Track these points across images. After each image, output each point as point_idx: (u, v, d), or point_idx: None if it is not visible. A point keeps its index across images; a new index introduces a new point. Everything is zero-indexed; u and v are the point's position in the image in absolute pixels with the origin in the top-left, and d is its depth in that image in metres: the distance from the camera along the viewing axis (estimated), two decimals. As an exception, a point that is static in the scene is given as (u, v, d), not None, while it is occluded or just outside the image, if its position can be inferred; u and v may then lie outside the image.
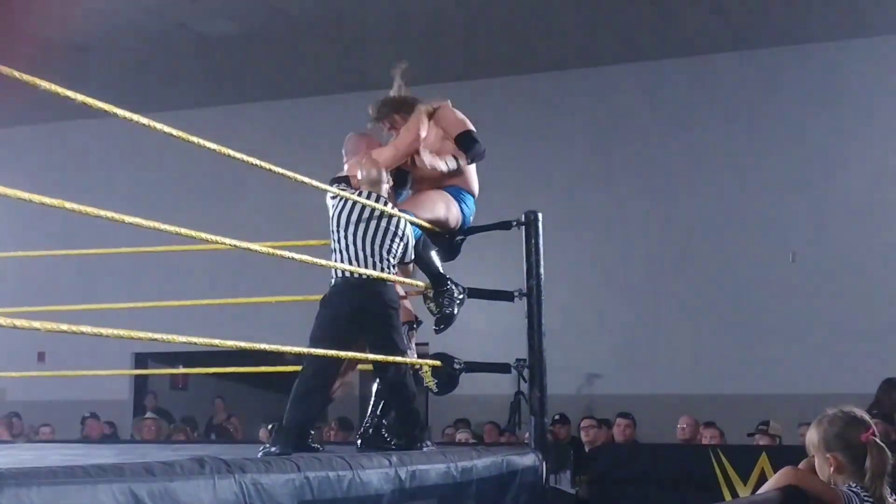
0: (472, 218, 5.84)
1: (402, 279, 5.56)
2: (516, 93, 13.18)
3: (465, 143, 5.66)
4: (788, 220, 11.87)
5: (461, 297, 5.64)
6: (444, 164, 5.55)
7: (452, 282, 5.63)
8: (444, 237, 5.76)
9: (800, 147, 11.99)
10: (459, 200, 5.71)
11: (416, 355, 5.50)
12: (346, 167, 5.66)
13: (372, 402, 5.38)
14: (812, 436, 3.80)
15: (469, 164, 5.66)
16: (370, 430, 5.31)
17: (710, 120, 12.42)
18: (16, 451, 5.51)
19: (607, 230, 12.60)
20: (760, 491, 3.86)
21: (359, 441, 5.31)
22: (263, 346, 4.33)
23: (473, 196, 5.82)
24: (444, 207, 5.63)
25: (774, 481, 3.79)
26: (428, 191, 5.67)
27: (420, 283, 5.69)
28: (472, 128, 5.77)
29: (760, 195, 12.02)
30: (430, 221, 5.57)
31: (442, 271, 5.59)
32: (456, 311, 5.64)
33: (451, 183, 5.71)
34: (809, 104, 12.04)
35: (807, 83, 12.10)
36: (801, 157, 11.96)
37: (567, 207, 12.24)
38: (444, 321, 5.64)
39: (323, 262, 4.95)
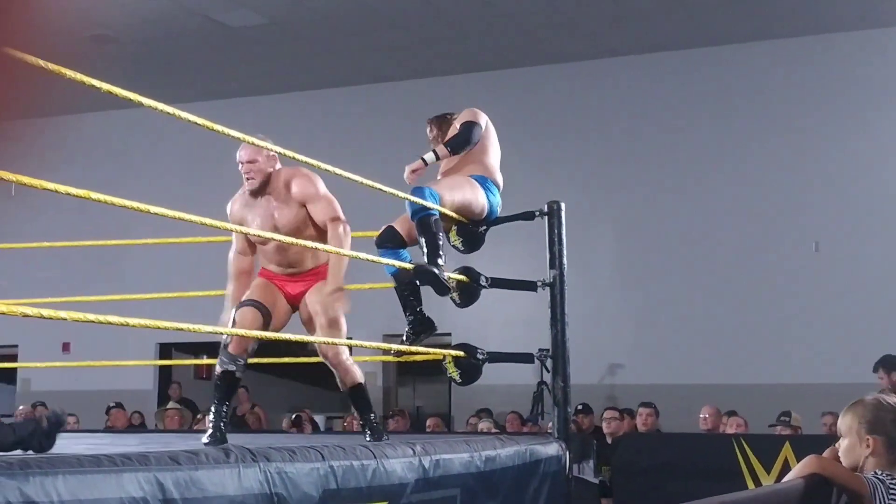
0: (499, 209, 5.83)
1: (455, 275, 5.59)
2: (539, 83, 13.17)
3: (460, 130, 5.69)
4: (812, 210, 11.83)
5: (446, 280, 5.48)
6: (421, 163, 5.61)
7: (442, 262, 5.44)
8: (468, 226, 5.76)
9: (824, 137, 11.94)
10: (485, 189, 5.71)
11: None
12: None
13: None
14: (849, 419, 3.78)
15: (449, 150, 5.63)
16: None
17: (735, 109, 12.37)
18: (42, 441, 5.53)
19: (630, 220, 12.58)
20: (785, 479, 3.85)
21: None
22: (287, 336, 4.35)
23: (498, 187, 5.82)
24: (470, 192, 5.64)
25: (799, 470, 3.78)
26: (455, 175, 5.68)
27: (453, 276, 5.69)
28: (478, 120, 5.75)
29: (784, 185, 11.98)
30: (456, 203, 5.57)
31: (440, 250, 5.43)
32: (447, 282, 5.45)
33: (476, 173, 5.71)
34: (836, 94, 11.98)
35: (830, 73, 12.05)
36: (825, 147, 11.91)
37: (589, 198, 12.22)
38: (427, 277, 5.43)
39: (346, 252, 4.95)
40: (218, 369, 4.86)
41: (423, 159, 5.58)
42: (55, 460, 2.77)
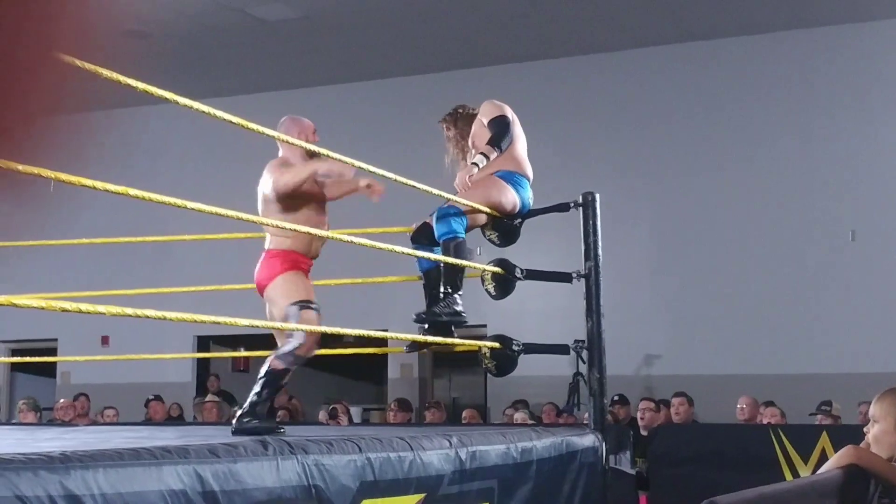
0: (531, 201, 5.83)
1: (490, 267, 5.61)
2: (573, 74, 13.15)
3: (493, 127, 5.67)
4: (848, 199, 11.76)
5: (455, 312, 5.50)
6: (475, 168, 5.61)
7: (454, 299, 5.50)
8: (503, 220, 5.76)
9: (859, 124, 11.86)
10: (514, 184, 5.69)
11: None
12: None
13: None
14: (886, 404, 3.78)
15: (498, 151, 5.63)
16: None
17: (767, 99, 12.31)
18: (81, 434, 5.60)
19: (666, 210, 12.54)
20: (822, 470, 3.84)
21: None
22: (324, 328, 4.37)
23: (528, 179, 5.81)
24: (496, 192, 5.63)
25: (836, 460, 3.78)
26: (479, 180, 5.67)
27: (488, 268, 5.71)
28: (505, 113, 5.75)
29: (819, 173, 11.91)
30: (484, 206, 5.58)
31: (458, 283, 5.50)
32: (446, 319, 5.51)
33: (503, 168, 5.71)
34: (870, 81, 11.90)
35: (868, 58, 11.96)
36: (861, 135, 11.83)
37: (625, 188, 12.20)
38: (433, 328, 5.54)
39: (380, 244, 4.97)
40: (280, 365, 4.84)
41: (475, 164, 5.60)
42: (96, 454, 2.81)
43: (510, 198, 5.67)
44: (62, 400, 11.97)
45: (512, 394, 11.45)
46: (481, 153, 5.61)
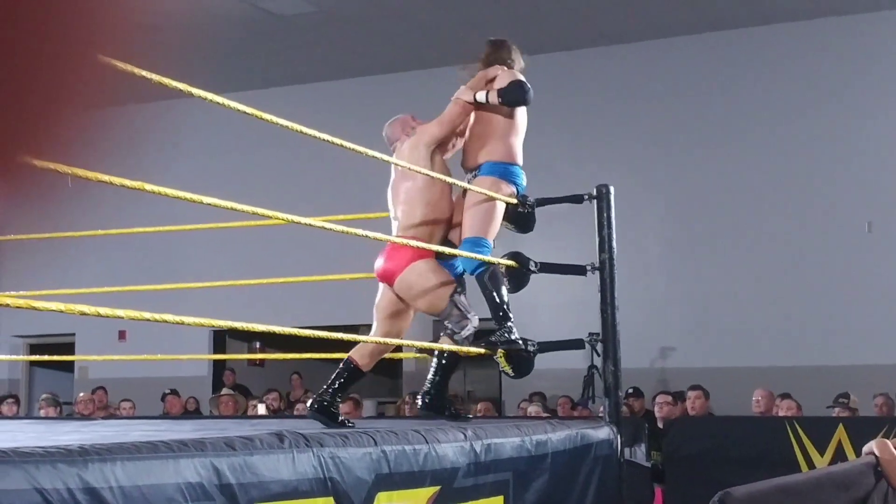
0: (524, 182, 5.64)
1: (504, 261, 5.62)
2: (587, 66, 13.12)
3: (508, 87, 5.54)
4: (864, 190, 11.72)
5: (510, 341, 5.44)
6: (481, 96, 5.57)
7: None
8: (515, 208, 5.66)
9: (875, 113, 11.82)
10: (506, 177, 5.55)
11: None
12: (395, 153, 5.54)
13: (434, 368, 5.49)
14: None
15: (500, 101, 5.51)
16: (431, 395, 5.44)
17: (782, 91, 12.27)
18: (98, 428, 5.63)
19: (679, 201, 12.52)
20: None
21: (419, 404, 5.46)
22: (340, 335, 4.37)
23: (519, 166, 5.63)
24: (498, 192, 5.51)
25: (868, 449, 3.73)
26: (474, 194, 5.52)
27: (502, 261, 5.70)
28: (524, 80, 5.64)
29: (836, 164, 11.87)
30: (492, 226, 5.53)
31: (504, 307, 5.47)
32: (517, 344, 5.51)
33: (492, 159, 5.56)
34: (886, 72, 11.85)
35: (884, 52, 11.92)
36: (878, 124, 11.79)
37: (637, 179, 12.18)
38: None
39: (397, 239, 4.98)
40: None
41: (475, 98, 5.53)
42: (113, 447, 2.83)
43: (506, 191, 5.55)
44: (82, 394, 12.05)
45: (527, 387, 11.44)
46: (486, 94, 5.53)
